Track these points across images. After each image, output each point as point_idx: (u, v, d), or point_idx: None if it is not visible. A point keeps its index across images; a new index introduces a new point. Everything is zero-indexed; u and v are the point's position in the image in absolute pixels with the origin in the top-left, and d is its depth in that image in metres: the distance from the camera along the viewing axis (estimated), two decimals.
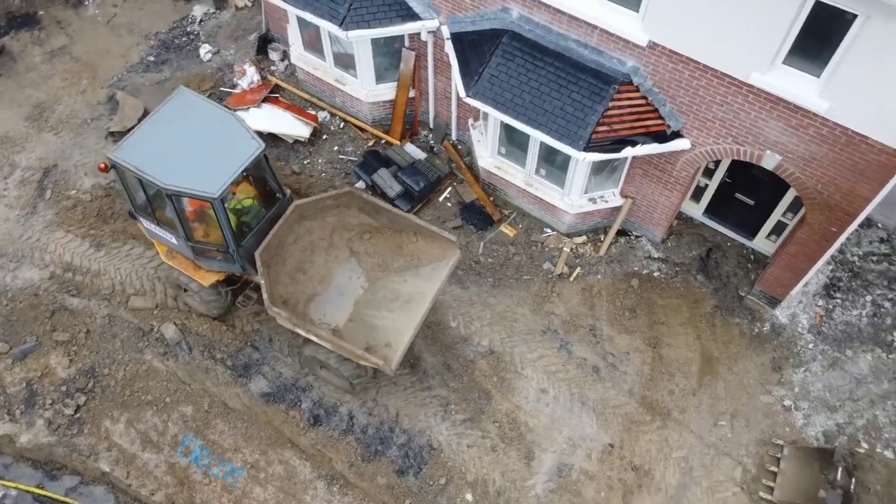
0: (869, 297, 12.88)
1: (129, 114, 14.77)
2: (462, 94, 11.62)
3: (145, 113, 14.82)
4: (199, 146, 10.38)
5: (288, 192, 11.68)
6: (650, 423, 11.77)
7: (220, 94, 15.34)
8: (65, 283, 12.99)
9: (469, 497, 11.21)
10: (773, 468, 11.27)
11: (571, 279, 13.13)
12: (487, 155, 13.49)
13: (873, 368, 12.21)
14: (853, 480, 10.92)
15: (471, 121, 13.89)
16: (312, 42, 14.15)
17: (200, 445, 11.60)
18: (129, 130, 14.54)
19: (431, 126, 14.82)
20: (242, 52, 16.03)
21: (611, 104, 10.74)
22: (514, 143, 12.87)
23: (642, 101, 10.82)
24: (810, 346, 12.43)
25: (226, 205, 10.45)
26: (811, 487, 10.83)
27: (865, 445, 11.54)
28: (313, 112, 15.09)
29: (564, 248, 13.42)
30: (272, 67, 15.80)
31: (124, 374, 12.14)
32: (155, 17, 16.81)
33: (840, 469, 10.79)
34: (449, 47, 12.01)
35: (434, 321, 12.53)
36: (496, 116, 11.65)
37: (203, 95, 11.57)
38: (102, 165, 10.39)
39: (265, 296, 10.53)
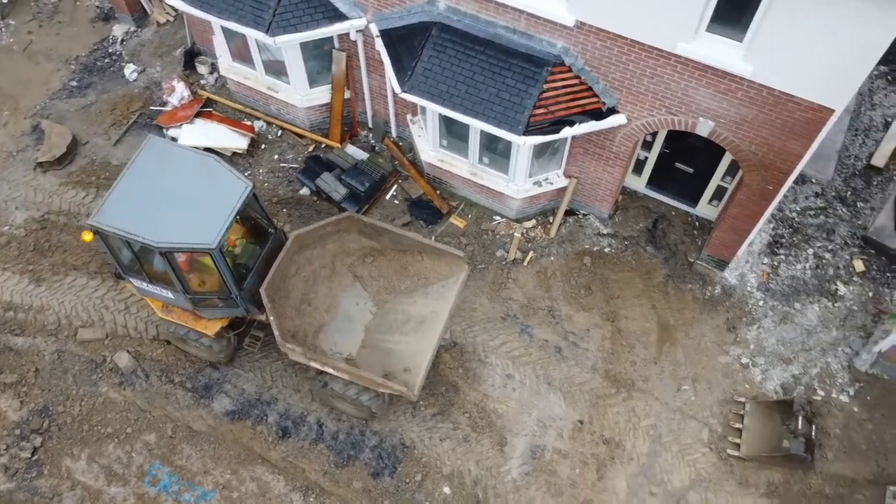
0: (810, 251, 13.34)
1: (56, 142, 14.26)
2: (397, 90, 11.57)
3: (73, 140, 14.36)
4: (183, 196, 9.72)
5: (275, 221, 11.18)
6: (616, 396, 11.97)
7: (150, 112, 14.95)
8: (6, 323, 12.50)
9: (447, 490, 11.21)
10: (738, 425, 11.58)
11: (525, 264, 13.23)
12: (429, 149, 13.48)
13: (821, 318, 12.65)
14: (813, 427, 11.30)
15: (409, 116, 13.86)
16: (240, 52, 13.90)
17: (168, 472, 11.32)
18: (58, 159, 14.11)
19: (370, 125, 14.72)
20: (169, 68, 15.65)
21: (545, 86, 10.83)
22: (454, 134, 12.88)
23: (576, 81, 10.95)
24: (760, 303, 12.81)
25: (223, 252, 9.85)
26: (775, 439, 11.16)
27: (821, 393, 11.96)
28: (249, 123, 14.83)
29: (515, 234, 13.51)
30: (202, 81, 15.47)
31: (80, 410, 11.76)
32: (73, 40, 16.27)
33: (800, 418, 11.13)
34: (379, 44, 11.94)
35: None
36: (434, 109, 11.64)
37: (173, 143, 10.70)
38: (89, 237, 9.55)
39: (276, 332, 10.12)
